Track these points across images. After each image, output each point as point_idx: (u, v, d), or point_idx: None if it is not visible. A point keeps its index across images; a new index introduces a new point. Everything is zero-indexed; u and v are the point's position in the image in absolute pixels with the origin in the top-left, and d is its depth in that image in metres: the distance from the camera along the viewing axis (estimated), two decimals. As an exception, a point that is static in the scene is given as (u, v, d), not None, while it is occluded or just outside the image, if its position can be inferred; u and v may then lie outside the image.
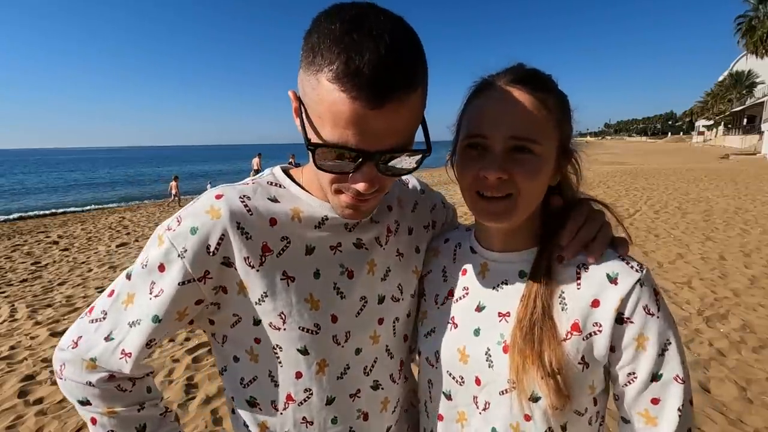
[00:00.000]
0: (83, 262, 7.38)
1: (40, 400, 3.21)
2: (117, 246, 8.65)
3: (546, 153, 0.76)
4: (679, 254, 5.98)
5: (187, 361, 3.58)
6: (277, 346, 0.79)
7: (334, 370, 0.83)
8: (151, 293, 0.74)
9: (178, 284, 0.73)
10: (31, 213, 16.82)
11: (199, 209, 0.75)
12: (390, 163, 0.68)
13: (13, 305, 5.26)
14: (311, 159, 0.68)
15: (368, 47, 0.58)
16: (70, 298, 5.47)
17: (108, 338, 0.77)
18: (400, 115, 0.63)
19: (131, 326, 0.75)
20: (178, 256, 0.72)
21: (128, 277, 0.77)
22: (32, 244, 9.22)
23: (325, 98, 0.61)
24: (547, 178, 0.79)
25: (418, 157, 0.70)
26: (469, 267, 0.91)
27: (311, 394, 0.82)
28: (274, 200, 0.80)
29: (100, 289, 5.70)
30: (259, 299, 0.76)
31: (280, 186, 0.82)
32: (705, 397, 2.87)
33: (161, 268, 0.74)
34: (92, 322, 0.78)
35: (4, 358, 3.85)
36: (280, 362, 0.80)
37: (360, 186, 0.67)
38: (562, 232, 0.81)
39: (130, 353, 0.76)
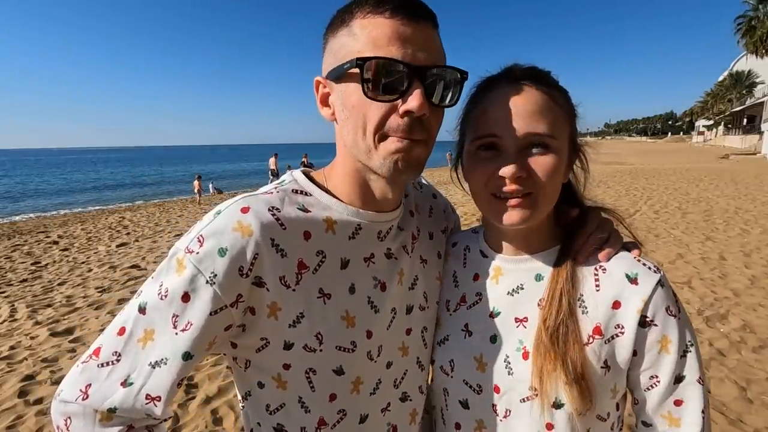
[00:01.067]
0: (83, 262, 7.37)
1: (40, 400, 3.20)
2: (117, 246, 8.64)
3: (561, 148, 0.75)
4: (679, 254, 5.97)
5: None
6: (310, 369, 0.73)
7: (367, 387, 0.78)
8: (176, 328, 0.65)
9: (210, 314, 0.65)
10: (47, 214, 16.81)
11: (224, 226, 0.66)
12: (435, 91, 0.69)
13: (13, 305, 5.26)
14: (361, 86, 0.66)
15: None
16: (70, 298, 5.47)
17: (126, 383, 0.66)
18: (433, 39, 0.69)
19: (154, 367, 0.66)
20: (207, 282, 0.64)
21: (141, 310, 0.67)
22: (32, 244, 9.21)
23: (362, 33, 0.66)
24: (563, 174, 0.77)
25: (460, 85, 0.72)
26: (480, 272, 0.88)
27: (345, 414, 0.77)
28: (304, 210, 0.74)
29: (100, 289, 5.70)
30: (294, 321, 0.70)
31: (306, 193, 0.76)
32: (705, 397, 2.87)
33: (185, 297, 0.64)
34: (102, 366, 0.67)
35: (4, 358, 3.85)
36: (312, 387, 0.74)
37: (413, 104, 0.64)
38: (576, 236, 0.80)
39: (159, 396, 0.67)
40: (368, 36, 0.65)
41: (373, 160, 0.70)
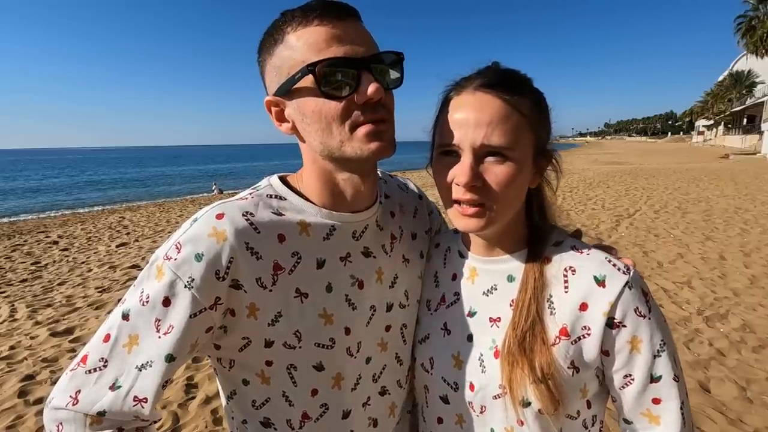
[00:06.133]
0: (83, 262, 7.36)
1: (40, 400, 3.20)
2: (117, 246, 8.63)
3: (521, 158, 0.75)
4: (679, 254, 5.96)
5: (187, 361, 3.57)
6: (291, 365, 0.76)
7: (348, 383, 0.81)
8: (158, 331, 0.68)
9: (190, 317, 0.68)
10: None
11: (200, 233, 0.69)
12: (381, 76, 0.72)
13: (13, 305, 5.26)
14: (315, 83, 0.69)
15: (312, 2, 0.71)
16: (70, 298, 5.46)
17: (114, 387, 0.69)
18: (363, 31, 0.73)
19: (140, 370, 0.69)
20: (185, 286, 0.67)
21: (125, 317, 0.70)
22: (32, 244, 9.20)
23: (299, 43, 0.69)
24: (525, 182, 0.79)
25: (400, 65, 0.76)
26: (458, 272, 0.91)
27: (327, 409, 0.80)
28: (278, 213, 0.76)
29: (100, 289, 5.70)
30: (272, 320, 0.73)
31: (280, 198, 0.79)
32: (705, 397, 2.86)
33: (166, 302, 0.68)
34: (90, 372, 0.70)
35: (4, 358, 3.85)
36: (294, 382, 0.77)
37: (371, 91, 0.68)
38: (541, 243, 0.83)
39: (146, 398, 0.69)
40: (306, 44, 0.68)
41: (348, 150, 0.72)
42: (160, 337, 0.68)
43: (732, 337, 3.64)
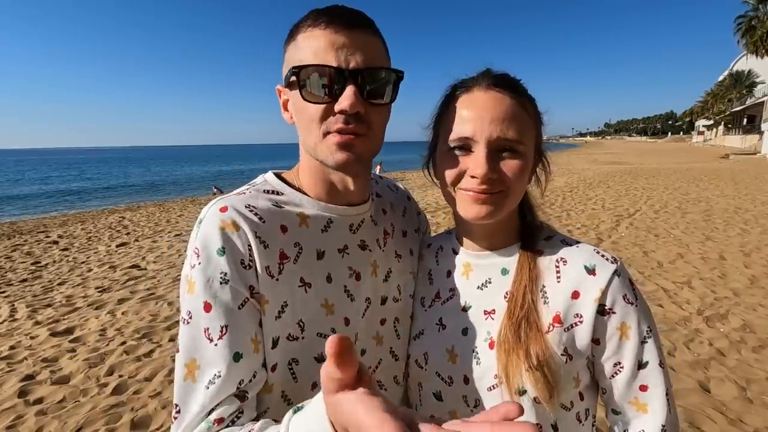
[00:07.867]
0: (83, 262, 7.36)
1: (40, 400, 3.20)
2: (117, 246, 8.63)
3: (528, 153, 0.80)
4: (679, 254, 5.96)
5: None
6: (293, 360, 0.76)
7: None
8: (211, 341, 0.67)
9: (238, 308, 0.68)
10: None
11: (212, 229, 0.70)
12: (369, 90, 0.73)
13: (13, 305, 5.26)
14: (298, 92, 0.72)
15: (332, 7, 0.74)
16: (70, 298, 5.46)
17: (200, 418, 0.66)
18: (369, 43, 0.73)
19: (208, 387, 0.66)
20: (221, 283, 0.67)
21: (179, 350, 0.69)
22: (32, 244, 9.20)
23: (303, 44, 0.73)
24: (528, 177, 0.83)
25: (395, 84, 0.76)
26: (453, 268, 0.93)
27: None
28: (277, 206, 0.78)
29: (100, 289, 5.70)
30: (279, 311, 0.73)
31: (277, 193, 0.81)
32: (705, 397, 2.87)
33: (207, 307, 0.67)
34: (176, 416, 0.68)
35: (4, 358, 3.85)
36: (295, 378, 0.77)
37: (345, 103, 0.69)
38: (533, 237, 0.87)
39: (222, 418, 0.66)
40: (308, 46, 0.72)
41: (319, 154, 0.75)
42: (216, 344, 0.66)
43: (732, 337, 3.64)
